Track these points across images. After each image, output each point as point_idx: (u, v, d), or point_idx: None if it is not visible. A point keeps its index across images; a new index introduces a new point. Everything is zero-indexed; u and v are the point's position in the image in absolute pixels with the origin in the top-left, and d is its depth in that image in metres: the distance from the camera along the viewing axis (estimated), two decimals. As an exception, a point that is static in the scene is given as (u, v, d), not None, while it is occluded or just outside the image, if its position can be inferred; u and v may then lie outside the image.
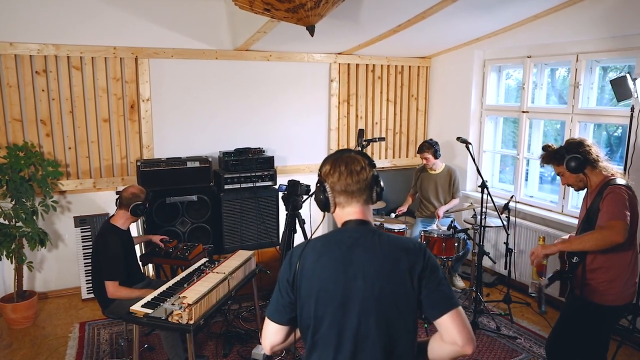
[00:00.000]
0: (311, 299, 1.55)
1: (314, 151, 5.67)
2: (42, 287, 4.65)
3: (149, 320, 2.86)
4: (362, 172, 1.61)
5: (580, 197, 4.54)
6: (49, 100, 4.40)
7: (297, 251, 1.62)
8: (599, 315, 2.62)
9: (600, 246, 2.52)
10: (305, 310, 1.57)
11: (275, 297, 1.63)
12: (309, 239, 1.66)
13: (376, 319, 1.52)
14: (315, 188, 1.68)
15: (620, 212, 2.47)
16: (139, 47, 4.60)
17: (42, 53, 4.28)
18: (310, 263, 1.57)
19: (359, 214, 1.62)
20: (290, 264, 1.61)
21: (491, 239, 5.18)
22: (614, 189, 2.54)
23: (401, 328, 1.54)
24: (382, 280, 1.52)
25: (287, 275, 1.60)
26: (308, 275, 1.57)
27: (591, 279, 2.63)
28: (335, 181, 1.61)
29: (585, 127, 4.42)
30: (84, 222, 4.64)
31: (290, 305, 1.60)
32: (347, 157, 1.64)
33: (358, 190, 1.60)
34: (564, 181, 2.80)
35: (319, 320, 1.55)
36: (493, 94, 5.42)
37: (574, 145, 2.68)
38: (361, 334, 1.53)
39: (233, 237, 4.81)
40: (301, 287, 1.57)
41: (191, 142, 5.00)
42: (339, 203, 1.63)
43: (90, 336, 4.02)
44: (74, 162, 4.58)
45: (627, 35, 3.88)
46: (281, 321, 1.61)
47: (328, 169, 1.63)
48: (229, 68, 5.05)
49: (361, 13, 3.99)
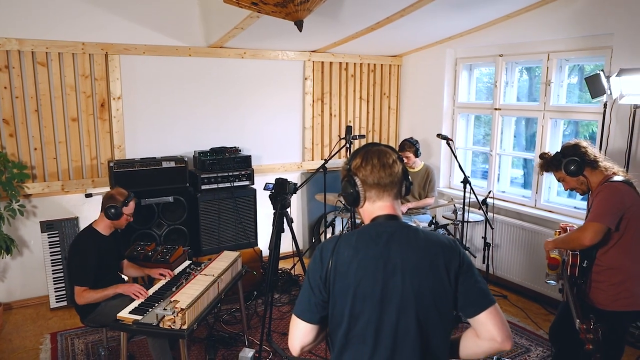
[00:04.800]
0: (347, 296, 1.50)
1: (289, 150, 5.61)
2: (6, 298, 4.37)
3: (138, 327, 2.73)
4: (394, 165, 1.58)
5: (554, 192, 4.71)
6: (12, 98, 4.13)
7: (328, 246, 1.56)
8: (613, 323, 2.55)
9: (570, 247, 2.56)
10: (338, 307, 1.52)
11: (306, 295, 1.56)
12: (339, 234, 1.60)
13: (415, 315, 1.49)
14: (343, 182, 1.63)
15: (600, 214, 2.49)
16: (109, 42, 4.40)
17: (3, 48, 4.02)
18: (346, 258, 1.52)
19: (389, 209, 1.59)
20: (321, 260, 1.55)
21: (467, 234, 5.28)
22: (605, 187, 2.55)
23: (438, 324, 1.52)
24: (420, 277, 1.50)
25: (319, 272, 1.54)
26: (343, 272, 1.51)
27: (599, 280, 2.60)
28: (368, 174, 1.57)
29: (556, 123, 4.58)
30: (51, 227, 4.39)
31: (323, 304, 1.55)
32: (379, 150, 1.60)
33: (390, 183, 1.57)
34: (566, 186, 2.77)
35: (354, 318, 1.51)
36: (465, 91, 5.53)
37: (570, 149, 2.68)
38: (400, 330, 1.50)
39: (211, 239, 4.68)
40: (335, 283, 1.52)
41: (164, 142, 4.84)
42: (369, 197, 1.59)
43: (63, 347, 3.80)
44: (40, 164, 4.32)
45: (596, 35, 4.04)
46: (312, 320, 1.55)
47: (359, 162, 1.59)
48: (202, 65, 4.91)
49: (342, 9, 3.97)
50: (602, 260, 2.60)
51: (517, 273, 4.72)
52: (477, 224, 4.97)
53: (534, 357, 3.67)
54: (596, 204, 2.55)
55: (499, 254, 4.89)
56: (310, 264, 1.59)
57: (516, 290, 4.79)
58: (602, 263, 2.60)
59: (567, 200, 4.57)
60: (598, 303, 2.60)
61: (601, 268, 2.60)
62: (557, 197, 4.67)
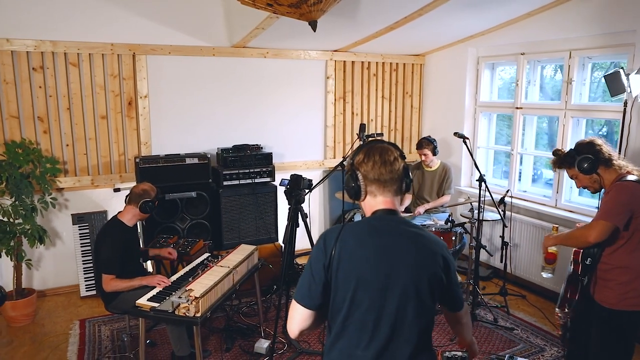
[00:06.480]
0: (349, 284, 1.57)
1: (311, 148, 5.71)
2: (40, 285, 4.63)
3: (155, 313, 2.88)
4: (395, 163, 1.65)
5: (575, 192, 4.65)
6: (46, 97, 4.38)
7: (332, 235, 1.63)
8: (622, 322, 2.56)
9: (575, 244, 2.53)
10: (339, 294, 1.59)
11: (307, 282, 1.62)
12: (343, 224, 1.68)
13: (415, 305, 1.58)
14: (346, 176, 1.71)
15: (608, 212, 2.45)
16: (136, 43, 4.60)
17: (39, 49, 4.27)
18: (350, 247, 1.59)
19: (389, 204, 1.66)
20: (325, 248, 1.61)
21: (486, 233, 5.26)
22: (617, 186, 2.52)
23: (430, 314, 1.63)
24: (422, 270, 1.59)
25: (322, 259, 1.60)
26: (347, 259, 1.58)
27: (608, 279, 2.57)
28: (369, 170, 1.64)
29: (578, 122, 4.52)
30: (81, 219, 4.62)
31: (323, 291, 1.61)
32: (381, 147, 1.67)
33: (391, 180, 1.64)
34: (578, 184, 2.73)
35: (355, 305, 1.58)
36: (487, 90, 5.51)
37: (584, 146, 2.64)
38: (399, 319, 1.58)
39: (232, 233, 4.83)
40: (338, 271, 1.58)
41: (189, 139, 5.01)
42: (370, 192, 1.67)
43: (91, 333, 4.01)
44: (71, 160, 4.56)
45: (618, 32, 3.98)
46: (311, 306, 1.62)
47: (361, 158, 1.67)
48: (226, 65, 5.06)
49: (359, 10, 4.04)
50: (610, 259, 2.57)
51: (537, 273, 4.68)
52: (497, 224, 4.95)
53: (548, 356, 3.66)
54: (605, 202, 2.53)
55: (518, 254, 4.86)
56: (313, 251, 1.66)
57: (535, 291, 4.76)
58: (610, 262, 2.57)
59: (589, 200, 4.50)
60: (605, 302, 2.58)
61: (609, 267, 2.57)
62: (578, 197, 4.61)
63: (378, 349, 1.58)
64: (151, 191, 3.50)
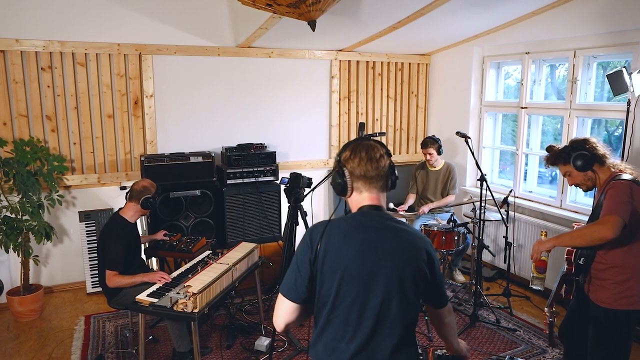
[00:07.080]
0: (334, 277, 1.59)
1: (315, 147, 5.73)
2: (47, 282, 4.71)
3: (154, 308, 2.92)
4: (381, 160, 1.67)
5: (580, 192, 4.60)
6: (54, 96, 4.47)
7: (317, 230, 1.65)
8: (618, 321, 2.53)
9: (589, 242, 2.46)
10: (325, 287, 1.61)
11: (293, 276, 1.65)
12: (329, 219, 1.70)
13: (398, 299, 1.60)
14: (333, 173, 1.73)
15: (616, 206, 2.40)
16: (142, 43, 4.67)
17: (47, 49, 4.35)
18: (336, 242, 1.61)
19: (374, 200, 1.68)
20: (311, 242, 1.64)
21: (490, 234, 5.24)
22: (615, 184, 2.48)
23: (414, 309, 1.65)
24: (406, 264, 1.61)
25: (308, 254, 1.63)
26: (333, 253, 1.60)
27: (603, 278, 2.55)
28: (355, 166, 1.66)
29: (584, 122, 4.48)
30: (88, 216, 4.70)
31: (309, 285, 1.63)
32: (367, 144, 1.69)
33: (376, 176, 1.66)
34: (571, 181, 2.70)
35: (340, 298, 1.60)
36: (492, 90, 5.48)
37: (580, 143, 2.62)
38: (383, 313, 1.60)
39: (235, 232, 4.87)
40: (324, 265, 1.60)
41: (194, 138, 5.07)
42: (356, 188, 1.69)
43: (95, 328, 4.08)
44: (78, 158, 4.64)
45: (623, 30, 3.94)
46: (296, 300, 1.64)
47: (348, 155, 1.69)
48: (231, 64, 5.11)
49: (361, 9, 4.05)
50: (604, 258, 2.55)
51: (541, 274, 4.65)
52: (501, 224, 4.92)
53: (549, 358, 3.63)
54: (610, 198, 2.46)
55: (522, 255, 4.83)
56: (299, 245, 1.69)
57: (539, 292, 4.72)
58: (606, 261, 2.54)
59: (594, 200, 4.46)
60: (601, 301, 2.56)
61: (605, 266, 2.55)
62: (583, 198, 4.57)
63: (361, 342, 1.59)
64: (151, 187, 3.57)
